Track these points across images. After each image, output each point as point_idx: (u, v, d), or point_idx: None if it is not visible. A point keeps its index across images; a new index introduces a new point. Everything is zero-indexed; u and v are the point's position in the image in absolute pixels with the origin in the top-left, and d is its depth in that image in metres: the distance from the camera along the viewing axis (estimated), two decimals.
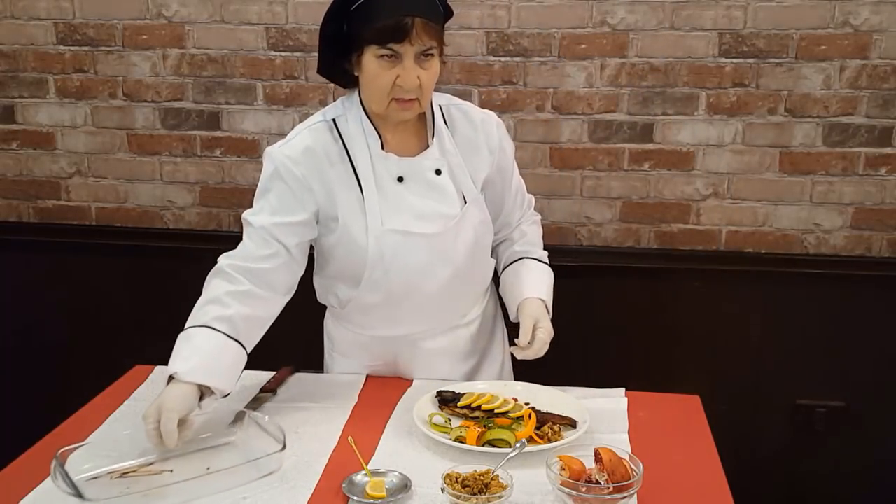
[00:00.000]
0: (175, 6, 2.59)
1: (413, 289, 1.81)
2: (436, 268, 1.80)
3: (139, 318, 2.79)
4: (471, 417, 1.68)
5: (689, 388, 1.86)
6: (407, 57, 1.63)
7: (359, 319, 1.91)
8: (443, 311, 1.90)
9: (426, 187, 1.78)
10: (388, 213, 1.76)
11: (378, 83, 1.66)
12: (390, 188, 1.76)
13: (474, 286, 1.94)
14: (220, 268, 1.76)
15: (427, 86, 1.68)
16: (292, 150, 1.75)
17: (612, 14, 2.45)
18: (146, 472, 1.51)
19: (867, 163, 2.49)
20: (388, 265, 1.77)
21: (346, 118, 1.78)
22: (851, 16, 2.38)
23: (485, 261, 1.93)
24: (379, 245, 1.75)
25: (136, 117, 2.70)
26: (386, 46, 1.62)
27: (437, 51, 1.67)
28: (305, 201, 1.75)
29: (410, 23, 1.60)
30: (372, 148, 1.76)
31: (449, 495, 1.38)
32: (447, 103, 1.85)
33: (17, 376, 2.86)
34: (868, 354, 2.58)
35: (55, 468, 1.43)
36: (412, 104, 1.69)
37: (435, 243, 1.78)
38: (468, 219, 1.81)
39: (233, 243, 2.83)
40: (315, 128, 1.78)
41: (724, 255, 2.60)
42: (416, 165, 1.78)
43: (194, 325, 1.67)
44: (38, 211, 2.82)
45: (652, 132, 2.53)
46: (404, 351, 1.92)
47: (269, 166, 1.77)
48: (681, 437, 1.68)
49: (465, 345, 1.95)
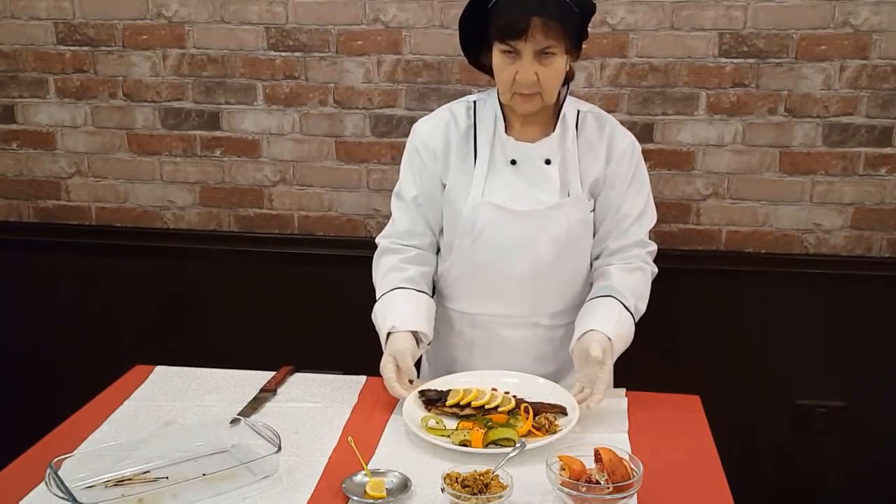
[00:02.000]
0: (175, 6, 2.59)
1: (497, 267, 1.89)
2: (522, 250, 1.87)
3: (139, 318, 2.79)
4: (462, 416, 1.68)
5: (689, 388, 1.86)
6: (525, 54, 1.73)
7: (447, 292, 2.00)
8: (524, 301, 1.93)
9: (534, 173, 1.88)
10: (491, 189, 1.88)
11: (501, 77, 1.79)
12: (502, 168, 1.89)
13: (561, 284, 1.94)
14: (385, 246, 1.98)
15: (548, 82, 1.77)
16: (430, 124, 1.95)
17: (612, 14, 2.45)
18: (141, 480, 1.50)
19: (867, 163, 2.49)
20: (477, 236, 1.88)
21: (486, 101, 1.94)
22: (851, 16, 2.38)
23: (576, 261, 1.93)
24: (473, 215, 1.87)
25: (136, 117, 2.70)
26: (505, 43, 1.73)
27: (560, 49, 1.74)
28: (432, 168, 1.92)
29: (527, 22, 1.70)
30: (497, 129, 1.89)
31: (449, 495, 1.38)
32: (588, 110, 1.94)
33: (16, 376, 2.86)
34: (868, 354, 2.58)
35: (49, 476, 1.42)
36: (533, 98, 1.79)
37: (524, 223, 1.86)
38: (565, 212, 1.86)
39: (233, 243, 2.85)
40: (456, 106, 1.96)
41: (724, 255, 2.60)
42: (529, 151, 1.88)
43: (385, 291, 1.90)
44: (38, 211, 2.82)
45: (652, 132, 2.53)
46: (483, 334, 1.97)
47: (409, 140, 1.97)
48: (681, 437, 1.68)
49: (543, 346, 1.97)
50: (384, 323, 1.85)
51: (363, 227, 2.68)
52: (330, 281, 2.67)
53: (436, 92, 2.55)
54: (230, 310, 2.75)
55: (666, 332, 2.53)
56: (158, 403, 1.81)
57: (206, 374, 1.95)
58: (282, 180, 2.69)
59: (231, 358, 2.12)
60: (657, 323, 2.59)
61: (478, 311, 1.97)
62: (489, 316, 1.96)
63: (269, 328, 2.72)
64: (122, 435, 1.66)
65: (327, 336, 2.65)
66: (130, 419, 1.74)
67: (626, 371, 1.95)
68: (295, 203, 2.71)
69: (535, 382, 1.81)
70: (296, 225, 2.73)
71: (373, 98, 2.59)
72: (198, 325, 2.77)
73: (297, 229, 2.73)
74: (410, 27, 2.52)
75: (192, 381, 1.92)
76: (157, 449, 1.57)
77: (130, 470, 1.52)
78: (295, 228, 2.73)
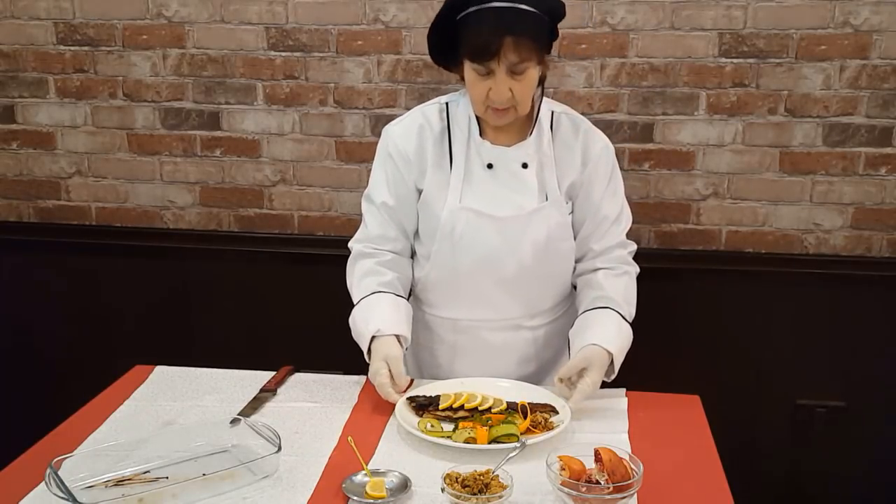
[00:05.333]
0: (175, 6, 2.59)
1: (477, 272, 1.88)
2: (501, 255, 1.86)
3: (139, 318, 2.79)
4: (456, 419, 1.67)
5: (689, 388, 1.86)
6: (499, 72, 1.71)
7: (427, 297, 1.99)
8: (506, 305, 1.92)
9: (511, 177, 1.86)
10: (468, 194, 1.86)
11: (473, 92, 1.78)
12: (478, 173, 1.87)
13: (543, 287, 1.94)
14: (358, 251, 1.96)
15: (522, 95, 1.76)
16: (402, 128, 1.91)
17: (612, 14, 2.45)
18: (141, 480, 1.50)
19: (867, 163, 2.49)
20: (457, 241, 1.86)
21: (458, 103, 1.91)
22: (851, 16, 2.38)
23: (557, 264, 1.93)
24: (451, 220, 1.85)
25: (136, 117, 2.70)
26: (477, 62, 1.71)
27: (533, 62, 1.73)
28: (406, 174, 1.89)
29: (499, 42, 1.67)
30: (472, 133, 1.87)
31: (449, 495, 1.38)
32: (561, 111, 1.92)
33: (16, 376, 2.86)
34: (868, 354, 2.58)
35: (49, 476, 1.42)
36: (507, 112, 1.78)
37: (504, 229, 1.84)
38: (543, 215, 1.86)
39: (233, 243, 2.84)
40: (428, 108, 1.93)
41: (724, 255, 2.60)
42: (505, 155, 1.86)
43: (364, 296, 1.89)
44: (38, 211, 2.82)
45: (652, 132, 2.52)
46: (466, 339, 1.96)
47: (381, 143, 1.94)
48: (681, 437, 1.68)
49: (526, 348, 1.96)
50: (367, 327, 1.82)
51: None
52: (330, 281, 2.66)
53: (435, 92, 2.54)
54: (230, 310, 2.75)
55: (666, 332, 2.53)
56: (158, 403, 1.81)
57: (206, 374, 1.95)
58: (282, 180, 2.69)
59: (231, 358, 2.12)
60: (657, 323, 2.59)
61: (459, 317, 1.95)
62: (471, 321, 1.94)
63: (269, 328, 2.72)
64: (122, 435, 1.66)
65: (327, 336, 2.63)
66: (130, 419, 1.74)
67: (626, 371, 1.95)
68: (295, 203, 2.71)
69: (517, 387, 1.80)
70: (296, 225, 2.73)
71: (373, 98, 2.59)
72: (198, 325, 2.76)
73: (297, 229, 2.73)
74: (410, 27, 2.52)
75: (192, 381, 1.92)
76: (157, 449, 1.57)
77: (130, 470, 1.52)
78: (295, 228, 2.73)
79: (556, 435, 1.61)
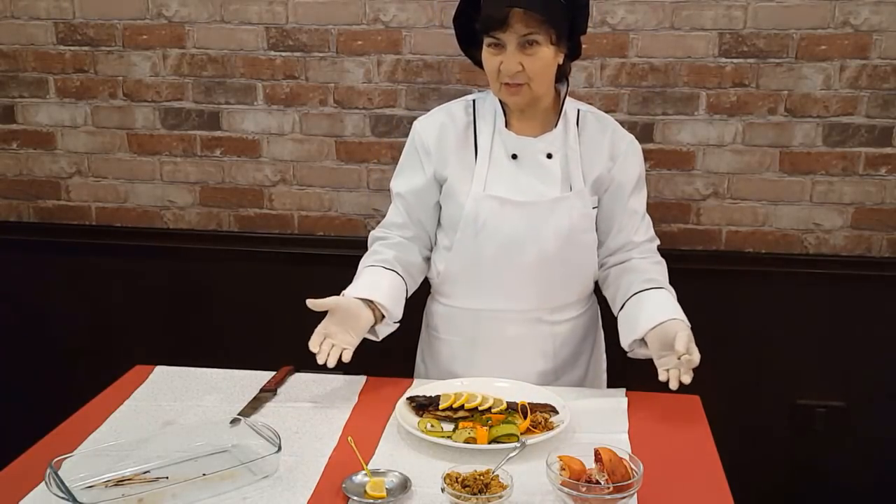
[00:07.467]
0: (175, 6, 2.59)
1: (499, 259, 1.89)
2: (523, 242, 1.88)
3: (139, 317, 2.79)
4: (456, 419, 1.67)
5: (689, 388, 1.86)
6: (509, 44, 1.77)
7: (448, 289, 2.00)
8: (528, 295, 1.93)
9: (535, 167, 1.90)
10: (492, 183, 1.89)
11: (488, 68, 1.83)
12: (503, 163, 1.90)
13: (565, 278, 1.95)
14: (373, 235, 2.04)
15: (533, 72, 1.79)
16: (427, 120, 1.98)
17: (612, 14, 2.45)
18: (141, 480, 1.50)
19: (867, 163, 2.49)
20: (479, 229, 1.89)
21: (486, 99, 1.96)
22: (851, 16, 2.38)
23: (580, 255, 1.94)
24: (475, 208, 1.88)
25: (136, 117, 2.70)
26: (489, 35, 1.78)
27: (544, 38, 1.77)
28: (426, 166, 1.94)
29: (508, 13, 1.73)
30: (497, 124, 1.92)
31: (449, 495, 1.38)
32: (587, 110, 1.97)
33: (17, 376, 2.86)
34: (868, 354, 2.58)
35: (49, 476, 1.42)
36: (520, 89, 1.82)
37: (527, 215, 1.87)
38: (567, 205, 1.88)
39: (233, 243, 2.85)
40: (454, 105, 1.99)
41: (724, 255, 2.60)
42: (530, 146, 1.90)
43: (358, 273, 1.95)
44: (38, 211, 2.82)
45: (652, 132, 2.53)
46: (485, 331, 1.96)
47: (409, 137, 2.00)
48: (681, 437, 1.68)
49: (545, 343, 1.97)
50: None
51: (363, 227, 2.68)
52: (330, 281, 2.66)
53: (436, 92, 2.55)
54: (230, 310, 2.75)
55: None
56: (158, 403, 1.81)
57: (206, 374, 1.95)
58: (282, 180, 2.69)
59: (231, 358, 2.12)
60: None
61: (481, 307, 1.97)
62: (492, 311, 1.96)
63: (269, 328, 2.71)
64: (122, 435, 1.66)
65: None
66: (130, 419, 1.74)
67: (627, 371, 1.95)
68: (295, 203, 2.71)
69: (517, 387, 1.80)
70: (296, 225, 2.73)
71: (373, 98, 2.59)
72: (198, 325, 2.76)
73: (297, 229, 2.73)
74: (410, 27, 2.52)
75: (192, 381, 1.92)
76: (157, 449, 1.57)
77: (130, 470, 1.52)
78: (295, 228, 2.73)
79: (556, 435, 1.61)
